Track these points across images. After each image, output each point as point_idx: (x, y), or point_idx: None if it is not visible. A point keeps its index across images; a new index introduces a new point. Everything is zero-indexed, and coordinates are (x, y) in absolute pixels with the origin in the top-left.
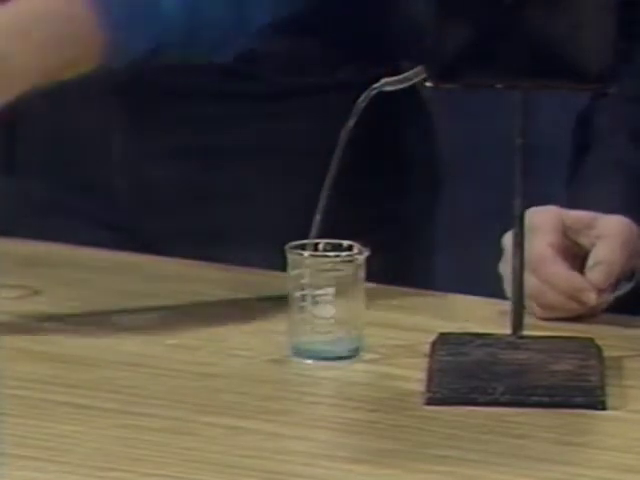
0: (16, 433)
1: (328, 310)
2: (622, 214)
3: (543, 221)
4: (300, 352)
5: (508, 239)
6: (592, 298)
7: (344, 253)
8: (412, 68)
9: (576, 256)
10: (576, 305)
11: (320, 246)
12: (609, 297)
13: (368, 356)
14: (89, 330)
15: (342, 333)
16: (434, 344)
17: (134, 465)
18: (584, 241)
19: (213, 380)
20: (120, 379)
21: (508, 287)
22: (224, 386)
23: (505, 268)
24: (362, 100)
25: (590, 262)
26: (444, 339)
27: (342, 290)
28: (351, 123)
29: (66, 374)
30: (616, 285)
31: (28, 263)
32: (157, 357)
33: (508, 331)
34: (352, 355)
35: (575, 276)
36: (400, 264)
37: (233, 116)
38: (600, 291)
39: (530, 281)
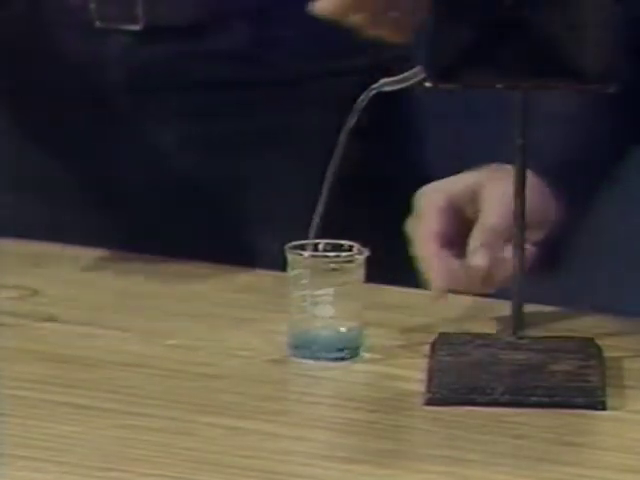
0: (15, 433)
1: (328, 310)
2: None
3: (425, 207)
4: (300, 352)
5: (408, 225)
6: (493, 279)
7: (344, 253)
8: (411, 68)
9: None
10: (482, 289)
11: (320, 246)
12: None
13: (368, 356)
14: (89, 330)
15: (342, 333)
16: (434, 344)
17: (133, 465)
18: (470, 214)
19: (212, 380)
20: (119, 379)
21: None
22: (223, 386)
23: (413, 226)
24: (361, 100)
25: (470, 247)
26: (444, 339)
27: (342, 290)
28: (350, 123)
29: (65, 374)
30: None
31: (28, 263)
32: (157, 357)
33: (508, 331)
34: (352, 356)
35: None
36: (400, 264)
37: (254, 103)
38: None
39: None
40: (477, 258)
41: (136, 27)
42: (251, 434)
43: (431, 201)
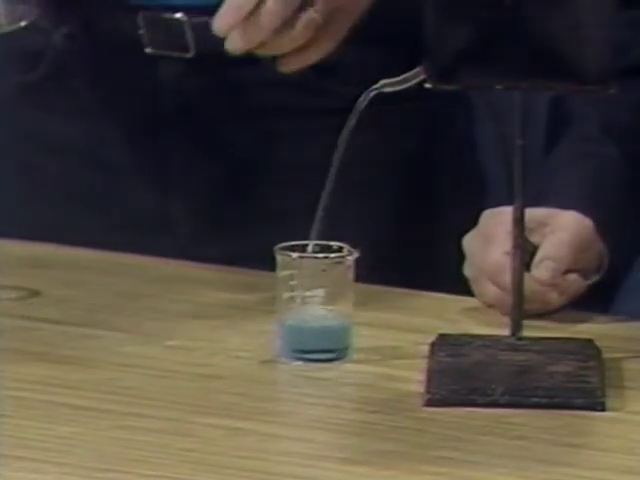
0: (14, 434)
1: (317, 311)
2: (585, 206)
3: (496, 227)
4: (289, 353)
5: (468, 241)
6: (554, 297)
7: (333, 254)
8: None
9: (531, 255)
10: (539, 305)
11: (309, 248)
12: (574, 291)
13: (367, 357)
14: (88, 331)
15: (331, 334)
16: (433, 345)
17: (132, 466)
18: (536, 239)
19: (211, 381)
20: (119, 380)
21: (475, 288)
22: (222, 387)
23: (469, 271)
24: (362, 101)
25: (536, 258)
26: (443, 340)
27: (331, 291)
28: (351, 124)
29: (65, 375)
30: (582, 278)
31: (27, 264)
32: (156, 358)
33: (507, 332)
34: (342, 356)
35: (532, 279)
36: (400, 264)
37: (305, 131)
38: (561, 290)
39: (490, 290)
40: (541, 270)
41: (186, 54)
42: (250, 435)
43: (501, 223)
